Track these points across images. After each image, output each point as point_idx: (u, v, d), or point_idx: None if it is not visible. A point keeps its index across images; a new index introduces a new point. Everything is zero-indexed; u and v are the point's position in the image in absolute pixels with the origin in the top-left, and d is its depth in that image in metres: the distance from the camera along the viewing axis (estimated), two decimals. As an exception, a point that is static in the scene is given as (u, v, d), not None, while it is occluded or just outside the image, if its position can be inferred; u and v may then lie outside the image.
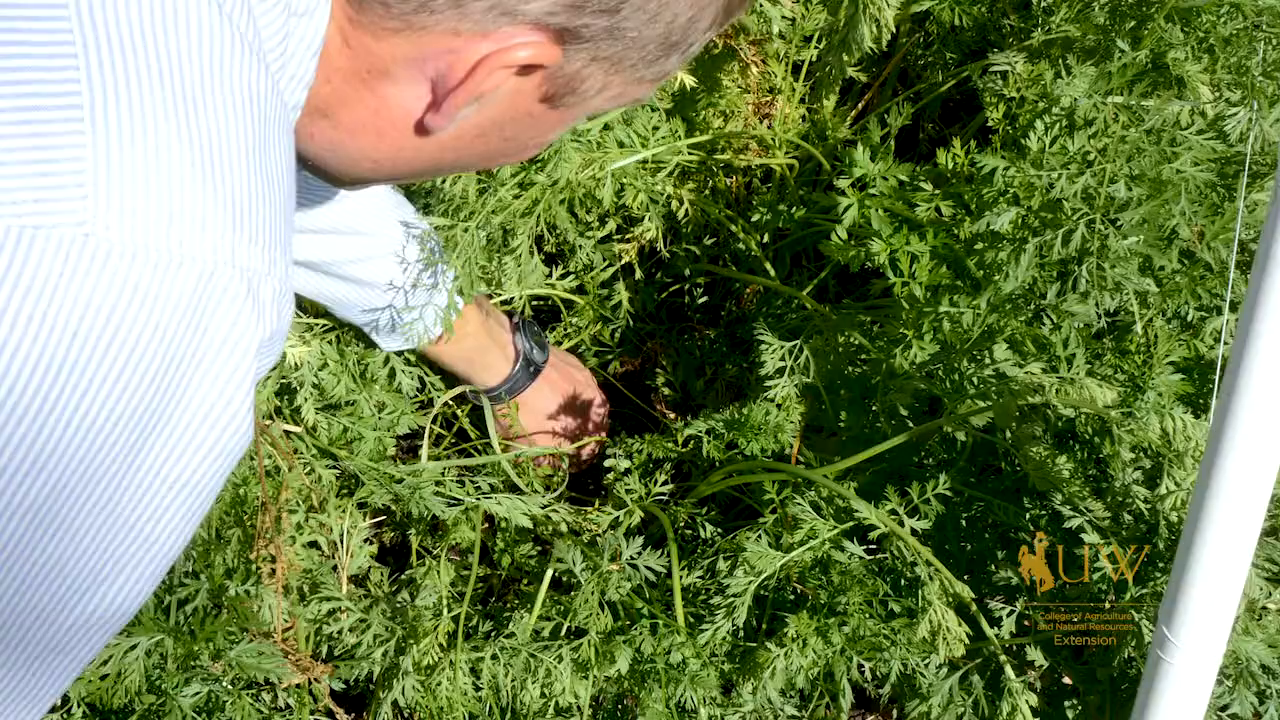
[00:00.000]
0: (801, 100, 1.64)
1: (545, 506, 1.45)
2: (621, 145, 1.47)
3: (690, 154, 1.57)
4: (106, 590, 0.69)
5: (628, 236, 1.60)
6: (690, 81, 1.48)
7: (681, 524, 1.47)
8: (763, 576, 1.30)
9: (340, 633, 1.36)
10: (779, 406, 1.40)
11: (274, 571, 1.31)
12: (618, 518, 1.43)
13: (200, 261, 0.62)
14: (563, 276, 1.62)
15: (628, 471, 1.45)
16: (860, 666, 1.31)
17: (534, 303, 1.62)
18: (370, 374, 1.45)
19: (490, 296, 1.55)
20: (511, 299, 1.56)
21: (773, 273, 1.60)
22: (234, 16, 0.67)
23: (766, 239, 1.64)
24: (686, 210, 1.56)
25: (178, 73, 0.64)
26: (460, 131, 0.81)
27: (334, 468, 1.40)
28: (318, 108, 0.78)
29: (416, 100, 0.78)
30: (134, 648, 1.22)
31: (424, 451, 1.47)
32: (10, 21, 0.60)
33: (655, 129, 1.51)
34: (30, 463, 0.61)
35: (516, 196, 1.39)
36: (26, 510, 0.62)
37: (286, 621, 1.35)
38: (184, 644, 1.24)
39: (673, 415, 1.67)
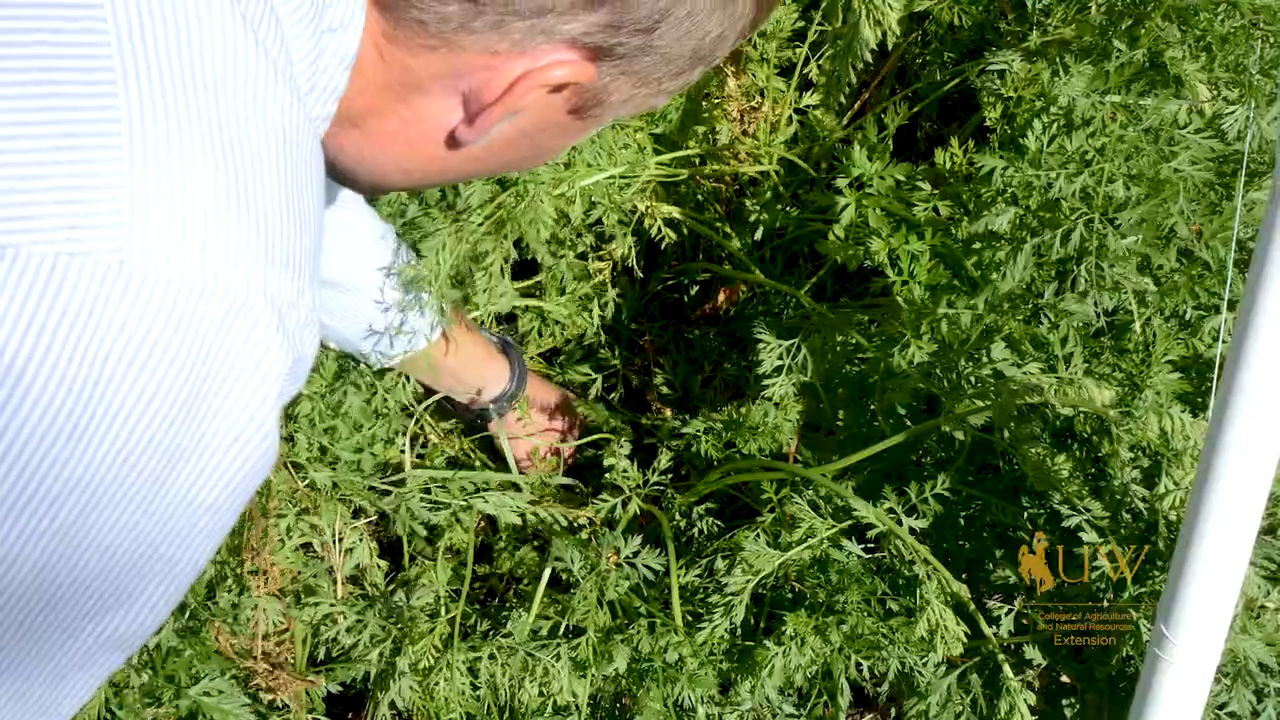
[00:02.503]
0: (792, 102, 1.63)
1: (536, 502, 1.45)
2: (589, 165, 1.47)
3: (662, 169, 1.56)
4: (129, 609, 0.69)
5: (601, 254, 1.59)
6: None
7: (679, 522, 1.47)
8: (760, 575, 1.30)
9: (336, 636, 1.36)
10: (777, 405, 1.40)
11: (261, 583, 1.31)
12: (615, 506, 1.43)
13: (232, 290, 0.63)
14: (532, 290, 1.60)
15: (624, 470, 1.45)
16: (858, 665, 1.31)
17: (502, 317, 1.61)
18: (344, 403, 1.44)
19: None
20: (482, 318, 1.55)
21: (759, 274, 1.60)
22: (267, 43, 0.68)
23: (760, 236, 1.64)
24: (659, 227, 1.56)
25: (214, 102, 0.64)
26: (490, 143, 0.82)
27: (330, 467, 1.40)
28: (348, 118, 0.79)
29: (448, 113, 0.79)
30: None
31: (406, 461, 1.46)
32: (51, 47, 0.61)
33: (625, 146, 1.50)
34: (60, 486, 0.61)
35: (487, 218, 1.39)
36: (55, 532, 0.63)
37: (282, 624, 1.35)
38: (149, 677, 1.23)
39: (669, 412, 1.67)
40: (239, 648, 1.33)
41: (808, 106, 1.63)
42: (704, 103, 1.60)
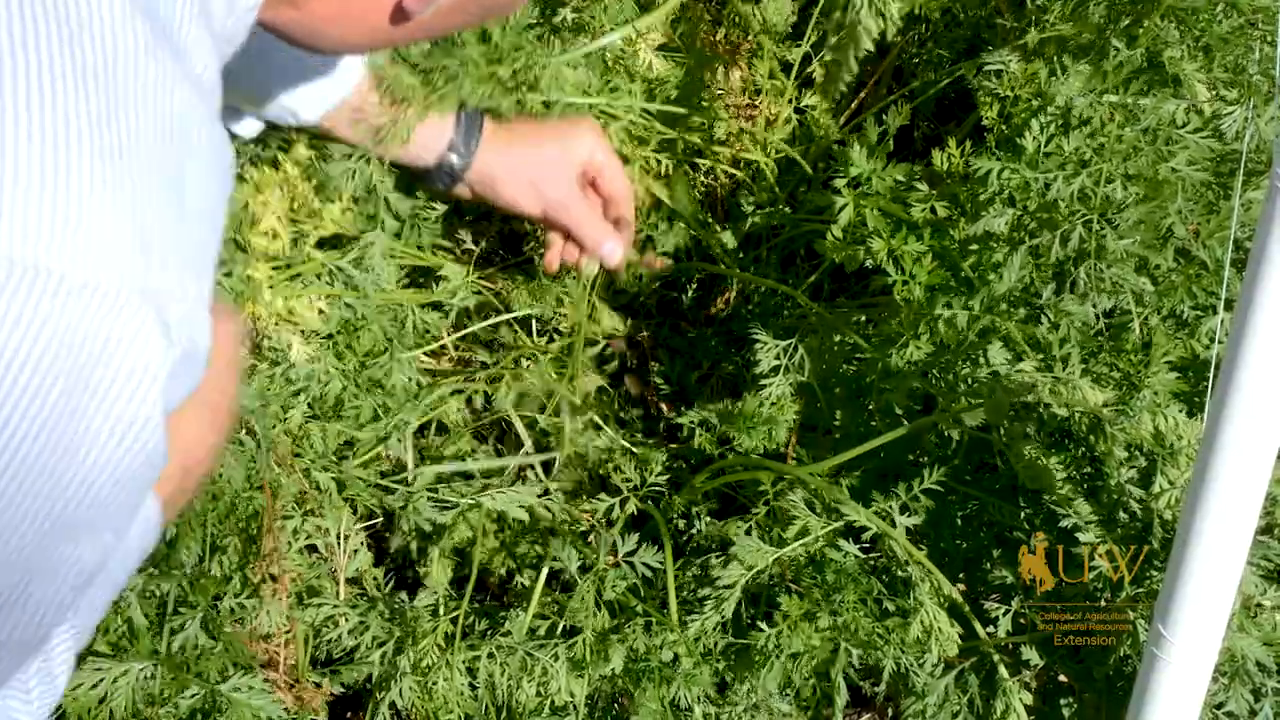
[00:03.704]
0: (790, 100, 1.63)
1: (543, 495, 1.44)
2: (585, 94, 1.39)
3: (650, 123, 1.52)
4: (19, 613, 0.67)
5: None
6: (661, 68, 1.44)
7: (677, 522, 1.46)
8: (754, 570, 1.29)
9: (339, 637, 1.36)
10: (773, 405, 1.40)
11: (275, 590, 1.30)
12: (613, 506, 1.43)
13: (104, 284, 0.60)
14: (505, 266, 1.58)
15: (619, 468, 1.45)
16: (856, 664, 1.32)
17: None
18: (370, 377, 1.42)
19: None
20: None
21: (753, 274, 1.59)
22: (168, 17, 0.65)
23: (755, 235, 1.63)
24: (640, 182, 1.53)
25: (98, 90, 0.61)
26: (437, 9, 0.80)
27: (333, 474, 1.39)
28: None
29: None
30: (125, 673, 1.21)
31: (409, 459, 1.45)
32: None
33: (613, 90, 1.43)
34: None
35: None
36: None
37: (286, 625, 1.35)
38: (177, 674, 1.23)
39: (666, 408, 1.67)
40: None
41: (807, 106, 1.63)
42: (703, 95, 1.59)
